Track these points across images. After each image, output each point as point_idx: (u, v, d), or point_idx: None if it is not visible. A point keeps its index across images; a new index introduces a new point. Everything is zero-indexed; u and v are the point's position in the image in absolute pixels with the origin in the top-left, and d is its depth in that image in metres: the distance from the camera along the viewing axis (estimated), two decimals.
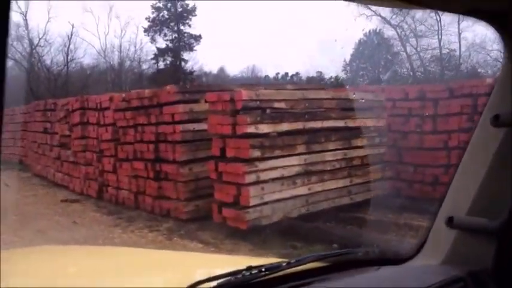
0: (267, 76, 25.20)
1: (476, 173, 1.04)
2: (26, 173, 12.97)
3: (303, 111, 5.90)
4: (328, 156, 6.29)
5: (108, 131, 8.40)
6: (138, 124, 7.51)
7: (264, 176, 5.50)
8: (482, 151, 1.04)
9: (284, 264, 0.97)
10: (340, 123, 6.44)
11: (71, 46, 31.39)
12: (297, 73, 24.38)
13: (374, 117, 7.00)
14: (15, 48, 28.91)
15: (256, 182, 5.45)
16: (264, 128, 5.46)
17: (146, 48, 30.20)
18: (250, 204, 5.38)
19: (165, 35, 23.99)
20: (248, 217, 5.39)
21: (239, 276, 0.91)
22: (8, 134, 17.62)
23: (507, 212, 0.96)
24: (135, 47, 35.11)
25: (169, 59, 24.25)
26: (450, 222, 1.05)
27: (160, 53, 24.17)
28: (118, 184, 8.18)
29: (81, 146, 9.39)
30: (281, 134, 5.66)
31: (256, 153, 5.40)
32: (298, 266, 0.99)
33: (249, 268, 0.93)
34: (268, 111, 5.57)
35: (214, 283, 0.88)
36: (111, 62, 33.98)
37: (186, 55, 24.28)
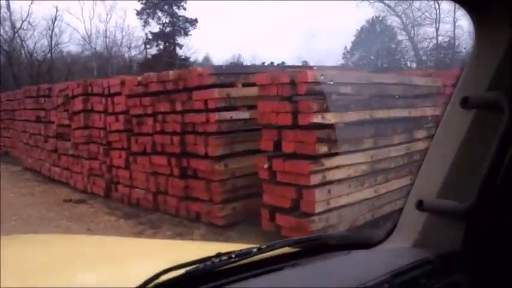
0: (253, 65, 24.07)
1: (445, 155, 1.04)
2: (15, 166, 11.69)
3: (369, 98, 4.93)
4: (393, 151, 5.35)
5: (119, 120, 7.27)
6: (158, 112, 6.41)
7: (330, 176, 4.52)
8: (452, 133, 1.04)
9: (255, 250, 0.94)
10: (404, 113, 5.49)
11: (56, 30, 29.74)
12: (283, 63, 23.15)
13: (432, 106, 6.08)
14: None
15: (323, 184, 4.46)
16: (331, 118, 4.46)
17: (135, 34, 28.83)
18: (316, 210, 4.39)
19: (159, 18, 22.63)
20: (313, 227, 4.41)
21: (208, 263, 0.87)
22: None
23: (476, 195, 0.95)
24: (122, 32, 33.61)
25: (162, 44, 22.91)
26: (420, 205, 1.06)
27: (154, 37, 22.81)
28: (131, 182, 7.09)
29: (84, 137, 8.23)
30: (348, 124, 4.67)
31: (323, 149, 4.40)
32: (268, 251, 0.96)
33: (219, 255, 0.90)
34: (334, 96, 4.56)
35: (183, 271, 0.83)
36: (96, 48, 32.45)
37: (180, 40, 22.97)
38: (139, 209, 6.73)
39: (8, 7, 27.61)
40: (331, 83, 4.52)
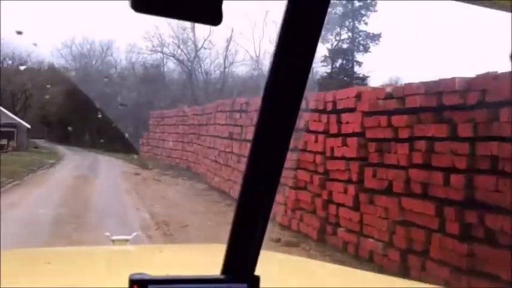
0: None
1: None
2: (199, 183, 11.15)
3: None
4: None
5: (348, 144, 5.57)
6: (422, 137, 4.48)
7: None
8: None
9: None
10: None
11: (232, 50, 30.97)
12: None
13: None
14: (182, 50, 29.35)
15: None
16: None
17: None
18: None
19: (338, 34, 21.21)
20: None
21: None
22: (174, 136, 16.60)
23: None
24: None
25: (339, 62, 21.39)
26: None
27: (331, 54, 21.45)
28: (361, 227, 5.28)
29: (291, 162, 6.79)
30: None
31: None
32: None
33: None
34: None
35: None
36: (262, 68, 32.87)
37: (359, 57, 21.15)
38: (374, 267, 4.85)
39: (193, 29, 29.73)
40: None
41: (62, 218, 6.41)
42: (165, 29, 40.63)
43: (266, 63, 33.14)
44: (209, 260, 1.14)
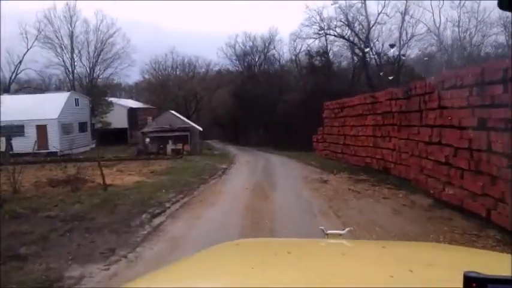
0: None
1: None
2: (418, 196, 7.75)
3: None
4: None
5: None
6: None
7: None
8: None
9: None
10: None
11: (410, 21, 26.38)
12: None
13: None
14: (352, 29, 25.98)
15: None
16: None
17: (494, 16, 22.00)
18: None
19: None
20: None
21: None
22: (359, 129, 13.49)
23: None
24: (476, 18, 27.11)
25: None
26: None
27: None
28: None
29: None
30: None
31: None
32: None
33: None
34: None
35: None
36: (443, 40, 27.17)
37: None
38: None
39: (364, 6, 26.07)
40: None
41: None
42: (329, 10, 37.42)
43: (448, 34, 27.44)
44: (430, 256, 1.27)
